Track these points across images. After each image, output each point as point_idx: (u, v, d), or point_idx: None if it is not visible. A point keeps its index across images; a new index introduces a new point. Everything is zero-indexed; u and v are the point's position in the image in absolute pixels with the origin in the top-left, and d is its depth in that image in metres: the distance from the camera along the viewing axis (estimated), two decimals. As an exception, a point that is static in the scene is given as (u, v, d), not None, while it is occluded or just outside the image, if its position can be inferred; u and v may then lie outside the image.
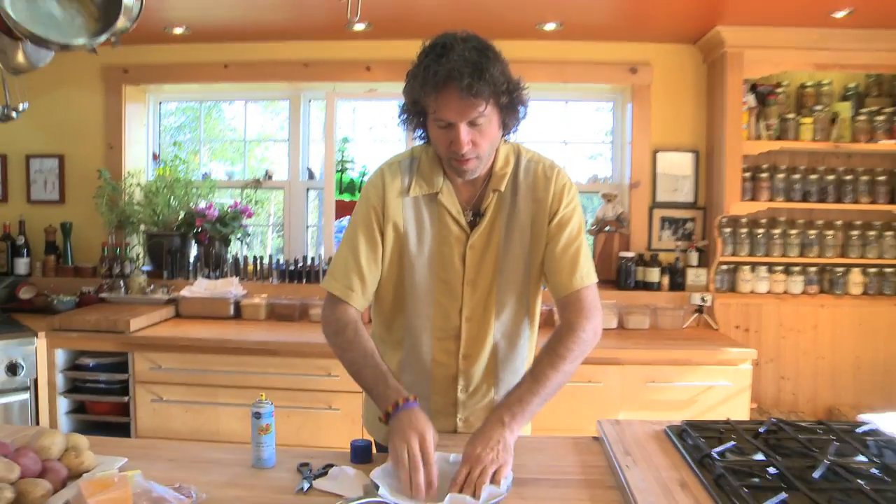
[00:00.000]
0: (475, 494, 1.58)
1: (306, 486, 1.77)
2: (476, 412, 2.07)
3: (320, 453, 1.99)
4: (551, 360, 1.82)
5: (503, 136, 1.92)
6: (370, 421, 2.21)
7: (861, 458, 1.77)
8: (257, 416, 1.94)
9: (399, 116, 1.94)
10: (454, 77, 1.70)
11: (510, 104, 1.83)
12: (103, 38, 1.86)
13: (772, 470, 1.65)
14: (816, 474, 1.64)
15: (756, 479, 1.62)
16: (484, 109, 1.76)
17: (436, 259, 1.98)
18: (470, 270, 1.97)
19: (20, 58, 2.08)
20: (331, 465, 1.87)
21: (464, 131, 1.78)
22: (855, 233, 4.13)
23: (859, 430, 1.99)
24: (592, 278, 1.96)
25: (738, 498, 1.50)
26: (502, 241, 1.97)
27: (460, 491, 1.59)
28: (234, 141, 5.01)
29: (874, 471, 1.68)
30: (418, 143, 2.02)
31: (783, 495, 1.51)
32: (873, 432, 1.98)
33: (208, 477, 1.80)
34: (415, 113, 1.88)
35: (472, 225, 1.97)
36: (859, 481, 1.58)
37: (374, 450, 1.96)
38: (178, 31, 4.11)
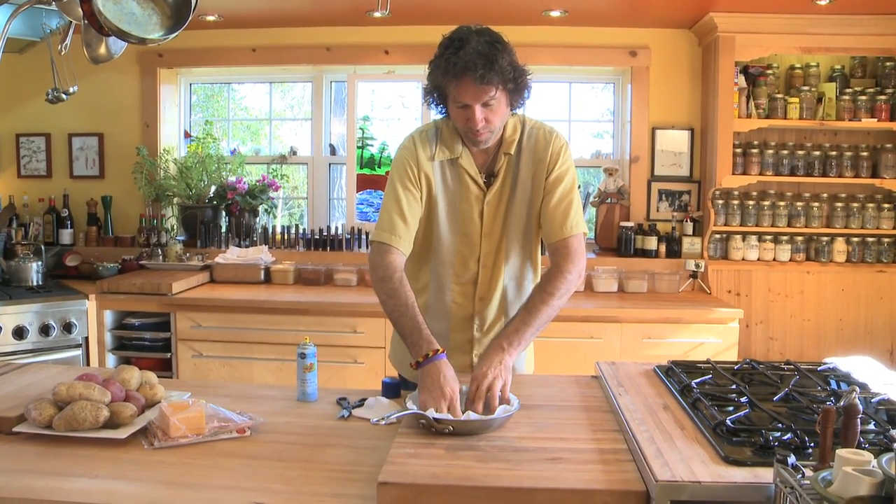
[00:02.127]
0: (488, 408, 1.89)
1: (346, 413, 2.07)
2: None
3: (355, 391, 2.28)
4: (542, 297, 2.13)
5: (511, 111, 2.24)
6: (397, 358, 2.51)
7: (818, 388, 2.07)
8: (302, 356, 2.20)
9: (423, 97, 2.26)
10: (470, 68, 2.02)
11: (516, 88, 2.15)
12: (176, 33, 2.18)
13: (742, 399, 1.92)
14: (776, 398, 1.96)
15: (727, 402, 1.91)
16: (494, 94, 2.08)
17: (457, 214, 2.30)
18: (486, 224, 2.30)
19: (102, 49, 2.40)
20: (365, 399, 2.17)
21: (478, 111, 2.10)
22: (839, 205, 4.37)
23: (820, 368, 2.30)
24: (581, 228, 2.26)
25: (709, 415, 1.78)
26: (509, 196, 2.30)
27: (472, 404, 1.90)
28: (254, 120, 5.30)
29: (826, 398, 1.97)
30: (433, 117, 2.36)
31: (746, 410, 1.84)
32: (832, 370, 2.27)
33: (261, 408, 2.09)
34: (437, 95, 2.19)
35: (488, 185, 2.29)
36: (810, 402, 1.90)
37: (401, 387, 2.26)
38: (210, 18, 4.38)
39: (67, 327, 3.89)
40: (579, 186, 4.45)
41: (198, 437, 1.84)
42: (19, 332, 3.77)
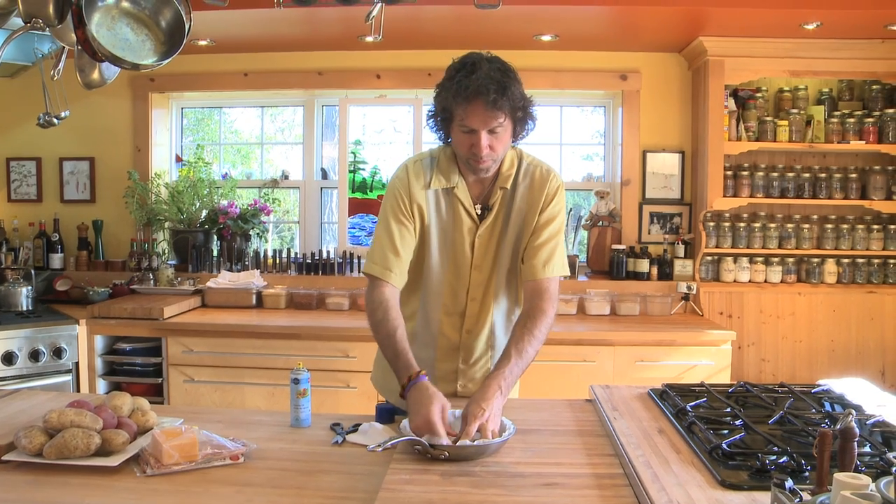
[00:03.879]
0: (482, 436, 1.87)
1: (340, 439, 2.05)
2: (474, 380, 2.37)
3: (348, 416, 2.27)
4: (530, 340, 2.11)
5: (513, 143, 2.23)
6: (378, 382, 2.54)
7: (813, 411, 2.08)
8: (296, 381, 2.18)
9: (427, 120, 2.24)
10: (482, 92, 2.00)
11: (523, 118, 2.15)
12: (170, 59, 2.18)
13: (737, 422, 1.93)
14: (771, 421, 1.96)
15: (722, 425, 1.92)
16: (502, 121, 2.07)
17: (449, 245, 2.29)
18: (477, 256, 2.28)
19: (95, 75, 2.41)
20: (359, 424, 2.15)
21: (484, 137, 2.08)
22: (829, 226, 4.39)
23: (814, 390, 2.31)
24: (564, 271, 2.26)
25: (705, 439, 1.79)
26: (501, 231, 2.29)
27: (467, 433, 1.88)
28: (244, 144, 5.30)
29: (821, 420, 1.98)
30: (425, 141, 2.35)
31: (742, 434, 1.83)
32: (826, 392, 2.28)
33: (254, 434, 2.08)
34: (442, 118, 2.17)
35: (481, 218, 2.27)
36: (805, 424, 1.90)
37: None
38: (202, 42, 4.41)
39: (57, 352, 3.86)
40: (570, 210, 4.51)
41: (191, 465, 1.82)
42: (8, 358, 3.73)
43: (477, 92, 2.01)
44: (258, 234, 4.79)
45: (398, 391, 2.04)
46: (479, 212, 2.27)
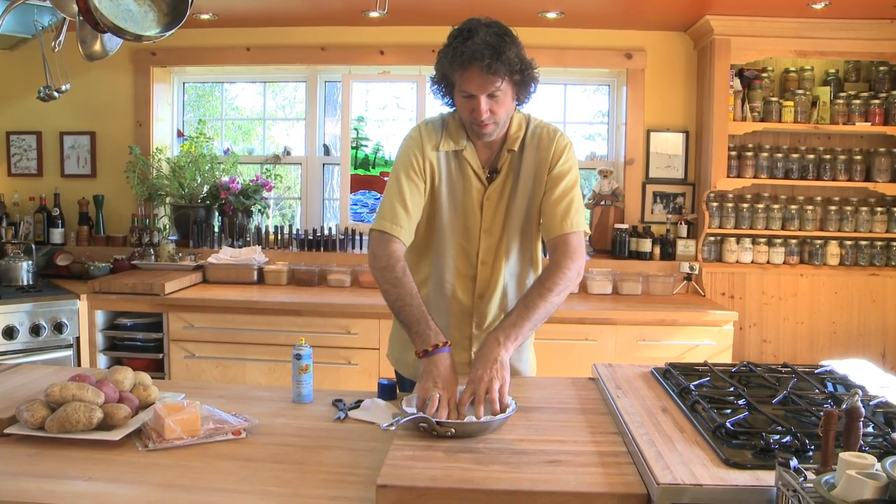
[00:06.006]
0: (489, 410, 1.87)
1: (342, 415, 2.05)
2: None
3: (350, 392, 2.27)
4: (540, 292, 2.09)
5: (517, 106, 2.24)
6: (396, 356, 2.52)
7: (816, 391, 2.07)
8: (298, 357, 2.18)
9: (431, 87, 2.25)
10: (476, 58, 2.02)
11: (522, 81, 2.15)
12: (173, 30, 2.16)
13: (741, 402, 1.92)
14: (774, 401, 1.96)
15: (725, 405, 1.91)
16: (500, 85, 2.08)
17: (459, 207, 2.29)
18: (486, 219, 2.29)
19: (97, 46, 2.38)
20: (361, 400, 2.15)
21: (483, 102, 2.10)
22: (833, 208, 4.38)
23: (817, 371, 2.31)
24: (582, 226, 2.24)
25: (708, 418, 1.78)
26: (510, 193, 2.29)
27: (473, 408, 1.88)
28: (246, 120, 5.28)
29: (825, 400, 1.97)
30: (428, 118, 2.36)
31: (745, 413, 1.83)
32: (829, 373, 2.28)
33: (256, 409, 2.08)
34: (444, 84, 2.19)
35: (490, 180, 2.28)
36: (809, 405, 1.90)
37: (397, 388, 2.24)
38: (204, 16, 4.37)
39: (58, 327, 3.86)
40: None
41: (193, 439, 1.82)
42: (9, 332, 3.73)
43: (472, 58, 2.03)
44: (260, 210, 4.77)
45: (413, 366, 2.09)
46: (487, 175, 2.29)
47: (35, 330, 3.80)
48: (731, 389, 2.06)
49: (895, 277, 4.40)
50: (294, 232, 4.74)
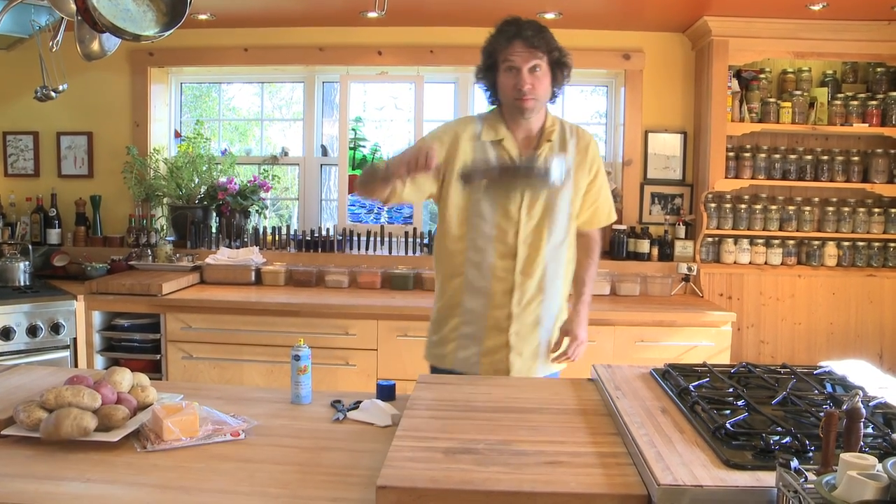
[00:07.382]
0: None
1: (341, 416, 2.05)
2: (525, 326, 2.53)
3: (349, 393, 2.27)
4: (594, 266, 2.74)
5: (553, 94, 2.50)
6: (432, 350, 2.65)
7: (815, 392, 2.07)
8: (296, 358, 2.19)
9: (476, 77, 2.54)
10: (521, 33, 2.35)
11: (559, 64, 2.44)
12: (171, 30, 2.15)
13: (740, 403, 1.92)
14: (774, 402, 1.96)
15: (725, 406, 1.91)
16: (541, 62, 2.37)
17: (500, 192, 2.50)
18: (525, 203, 2.48)
19: (95, 46, 2.37)
20: (360, 401, 2.15)
21: (526, 75, 2.36)
22: (830, 209, 4.38)
23: (816, 372, 2.31)
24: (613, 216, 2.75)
25: (708, 419, 1.78)
26: None
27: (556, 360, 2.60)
28: (243, 120, 5.27)
29: (824, 401, 1.97)
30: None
31: (745, 414, 1.83)
32: (828, 374, 2.28)
33: (255, 410, 2.07)
34: (488, 68, 2.45)
35: None
36: (809, 406, 1.89)
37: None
38: (202, 16, 4.35)
39: (55, 328, 3.85)
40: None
41: (191, 441, 1.81)
42: (6, 333, 3.72)
43: (517, 34, 2.36)
44: (257, 210, 4.76)
45: (450, 356, 2.52)
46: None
47: (32, 331, 3.79)
48: (731, 390, 2.06)
49: (892, 278, 4.40)
50: (292, 233, 4.73)
